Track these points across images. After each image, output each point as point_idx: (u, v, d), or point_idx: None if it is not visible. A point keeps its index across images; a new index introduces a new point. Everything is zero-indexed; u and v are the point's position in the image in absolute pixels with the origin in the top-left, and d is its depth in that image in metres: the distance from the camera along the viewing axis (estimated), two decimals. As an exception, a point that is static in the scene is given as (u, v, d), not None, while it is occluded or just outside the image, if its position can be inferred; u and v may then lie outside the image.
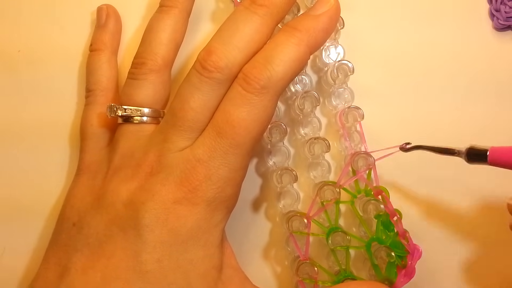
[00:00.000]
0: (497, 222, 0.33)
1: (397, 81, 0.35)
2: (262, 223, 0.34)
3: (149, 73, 0.31)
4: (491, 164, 0.27)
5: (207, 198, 0.27)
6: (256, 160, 0.35)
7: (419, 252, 0.31)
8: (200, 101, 0.27)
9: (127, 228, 0.27)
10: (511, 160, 0.26)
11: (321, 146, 0.33)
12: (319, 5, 0.29)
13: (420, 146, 0.31)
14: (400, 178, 0.34)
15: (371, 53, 0.35)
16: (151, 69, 0.31)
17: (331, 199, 0.32)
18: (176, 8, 0.32)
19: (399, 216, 0.31)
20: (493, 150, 0.27)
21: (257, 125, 0.27)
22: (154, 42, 0.31)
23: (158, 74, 0.31)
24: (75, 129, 0.35)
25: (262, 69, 0.27)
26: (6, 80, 0.36)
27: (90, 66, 0.34)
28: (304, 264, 0.31)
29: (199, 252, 0.27)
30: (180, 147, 0.28)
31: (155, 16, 0.32)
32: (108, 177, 0.29)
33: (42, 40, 0.36)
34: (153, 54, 0.31)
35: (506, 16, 0.34)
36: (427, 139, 0.31)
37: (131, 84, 0.31)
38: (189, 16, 0.33)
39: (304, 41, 0.28)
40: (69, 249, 0.28)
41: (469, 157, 0.28)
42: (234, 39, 0.28)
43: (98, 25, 0.35)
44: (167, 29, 0.31)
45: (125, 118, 0.30)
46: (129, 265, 0.26)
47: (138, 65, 0.31)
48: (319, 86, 0.35)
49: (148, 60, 0.31)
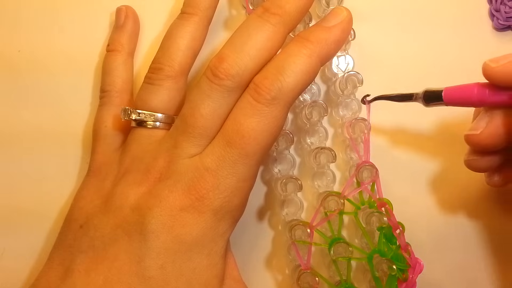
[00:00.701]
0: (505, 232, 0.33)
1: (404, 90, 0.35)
2: (264, 231, 0.34)
3: (165, 79, 0.31)
4: (447, 104, 0.28)
5: (214, 207, 0.27)
6: (261, 168, 0.35)
7: (420, 266, 0.31)
8: (210, 108, 0.27)
9: (133, 232, 0.27)
10: (464, 96, 0.27)
11: (327, 156, 0.33)
12: (332, 16, 0.29)
13: (380, 97, 0.32)
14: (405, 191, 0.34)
15: (380, 64, 0.35)
16: (167, 75, 0.31)
17: (335, 209, 0.32)
18: (196, 16, 0.32)
19: (402, 229, 0.31)
20: (448, 89, 0.28)
21: (266, 135, 0.27)
22: (172, 48, 0.31)
23: (174, 81, 0.31)
24: (77, 129, 0.35)
25: (273, 79, 0.27)
26: (6, 80, 0.36)
27: (106, 67, 0.34)
28: (305, 274, 0.31)
29: (203, 261, 0.27)
30: (189, 154, 0.28)
31: (175, 23, 0.32)
32: (117, 180, 0.29)
33: (42, 41, 0.36)
34: (170, 60, 0.31)
35: (506, 16, 0.35)
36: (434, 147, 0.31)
37: (147, 89, 0.31)
38: (209, 24, 0.33)
39: (315, 53, 0.28)
40: (74, 250, 0.28)
41: (426, 99, 0.28)
42: (246, 47, 0.28)
43: (116, 26, 0.35)
44: (186, 36, 0.31)
45: (138, 122, 0.31)
46: (132, 269, 0.26)
47: (155, 70, 0.31)
48: (327, 96, 0.35)
49: (165, 66, 0.31)
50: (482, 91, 0.27)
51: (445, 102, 0.28)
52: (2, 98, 0.35)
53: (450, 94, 0.28)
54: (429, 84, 0.35)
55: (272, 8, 0.28)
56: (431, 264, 0.32)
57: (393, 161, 0.34)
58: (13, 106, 0.35)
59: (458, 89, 0.28)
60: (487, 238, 0.34)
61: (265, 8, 0.28)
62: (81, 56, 0.36)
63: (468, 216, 0.34)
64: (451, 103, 0.28)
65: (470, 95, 0.27)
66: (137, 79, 0.35)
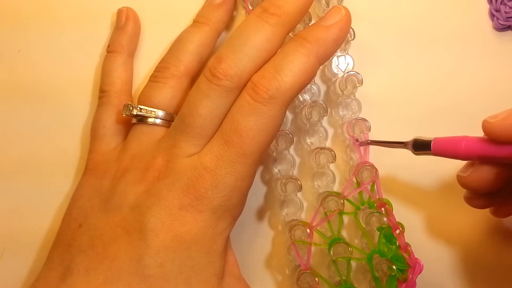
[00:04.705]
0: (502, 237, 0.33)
1: (404, 91, 0.35)
2: (264, 231, 0.34)
3: (170, 77, 0.31)
4: (435, 154, 0.27)
5: (212, 206, 0.27)
6: (261, 168, 0.35)
7: (420, 266, 0.31)
8: (208, 108, 0.27)
9: (132, 231, 0.27)
10: (452, 149, 0.27)
11: (327, 156, 0.33)
12: (330, 15, 0.29)
13: (373, 142, 0.32)
14: (405, 191, 0.34)
15: (380, 64, 0.35)
16: (172, 74, 0.31)
17: (335, 210, 0.32)
18: (207, 26, 0.33)
19: (402, 229, 0.31)
20: (436, 140, 0.27)
21: (264, 134, 0.27)
22: (181, 50, 0.32)
23: (179, 81, 0.31)
24: (76, 129, 0.35)
25: (271, 79, 0.27)
26: (6, 80, 0.36)
27: (105, 67, 0.34)
28: (305, 274, 0.31)
29: (202, 259, 0.27)
30: (188, 153, 0.28)
31: (186, 29, 0.33)
32: (117, 179, 0.29)
33: (42, 41, 0.36)
34: (177, 61, 0.32)
35: (506, 16, 0.35)
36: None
37: (151, 86, 0.32)
38: (218, 37, 0.34)
39: (314, 52, 0.28)
40: (73, 249, 0.28)
41: (415, 147, 0.28)
42: (245, 47, 0.28)
43: (117, 27, 0.35)
44: (195, 41, 0.32)
45: (139, 119, 0.31)
46: (131, 268, 0.26)
47: (161, 69, 0.32)
48: (327, 96, 0.35)
49: (171, 65, 0.32)
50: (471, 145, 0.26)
51: (432, 153, 0.27)
52: (2, 98, 0.36)
53: (438, 146, 0.27)
54: (429, 84, 0.35)
55: (270, 8, 0.28)
56: (431, 264, 0.32)
57: (393, 161, 0.34)
58: (13, 106, 0.36)
59: (446, 141, 0.27)
60: (487, 238, 0.34)
61: (264, 8, 0.28)
62: (81, 56, 0.36)
63: (468, 216, 0.34)
64: (439, 154, 0.27)
65: (457, 148, 0.26)
66: (137, 80, 0.35)
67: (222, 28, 0.34)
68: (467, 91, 0.35)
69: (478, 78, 0.35)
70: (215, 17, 0.33)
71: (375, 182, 0.32)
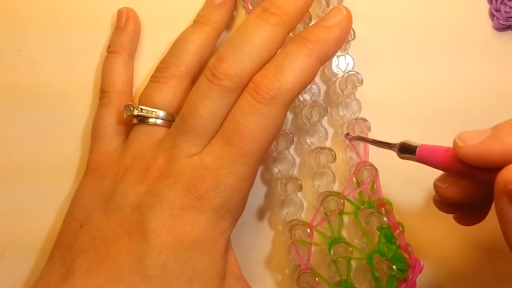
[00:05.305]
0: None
1: (404, 90, 0.35)
2: (264, 231, 0.34)
3: (170, 77, 0.31)
4: (418, 161, 0.27)
5: (213, 206, 0.27)
6: (261, 168, 0.35)
7: (420, 266, 0.31)
8: (209, 108, 0.27)
9: (133, 231, 0.27)
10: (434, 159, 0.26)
11: (327, 156, 0.33)
12: (331, 15, 0.29)
13: (362, 138, 0.32)
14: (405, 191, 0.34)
15: (380, 64, 0.35)
16: (173, 74, 0.31)
17: (335, 209, 0.32)
18: (208, 26, 0.33)
19: (402, 229, 0.31)
20: (422, 147, 0.27)
21: (265, 135, 0.27)
22: (181, 50, 0.32)
23: (180, 81, 0.31)
24: (77, 130, 0.35)
25: (272, 79, 0.27)
26: (6, 80, 0.36)
27: (106, 68, 0.34)
28: (305, 274, 0.31)
29: (203, 260, 0.27)
30: (189, 153, 0.28)
31: (187, 29, 0.33)
32: (118, 179, 0.29)
33: (42, 41, 0.36)
34: (178, 61, 0.32)
35: (506, 16, 0.35)
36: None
37: (152, 87, 0.32)
38: (219, 37, 0.34)
39: (315, 52, 0.28)
40: (75, 250, 0.28)
41: (400, 150, 0.28)
42: (245, 47, 0.28)
43: (117, 27, 0.35)
44: (195, 41, 0.32)
45: (140, 119, 0.31)
46: (133, 269, 0.26)
47: (162, 69, 0.32)
48: (327, 96, 0.35)
49: (172, 66, 0.32)
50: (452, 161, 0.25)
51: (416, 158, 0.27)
52: (2, 98, 0.36)
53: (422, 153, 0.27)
54: (429, 84, 0.35)
55: (271, 8, 0.28)
56: (431, 264, 0.32)
57: (393, 161, 0.34)
58: (13, 106, 0.35)
59: (430, 150, 0.26)
60: (487, 237, 0.34)
61: (264, 8, 0.28)
62: (82, 57, 0.36)
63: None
64: (422, 161, 0.27)
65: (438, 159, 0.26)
66: (137, 81, 0.35)
67: (222, 28, 0.34)
68: (467, 90, 0.35)
69: (478, 78, 0.35)
70: (215, 17, 0.33)
71: (375, 182, 0.33)
